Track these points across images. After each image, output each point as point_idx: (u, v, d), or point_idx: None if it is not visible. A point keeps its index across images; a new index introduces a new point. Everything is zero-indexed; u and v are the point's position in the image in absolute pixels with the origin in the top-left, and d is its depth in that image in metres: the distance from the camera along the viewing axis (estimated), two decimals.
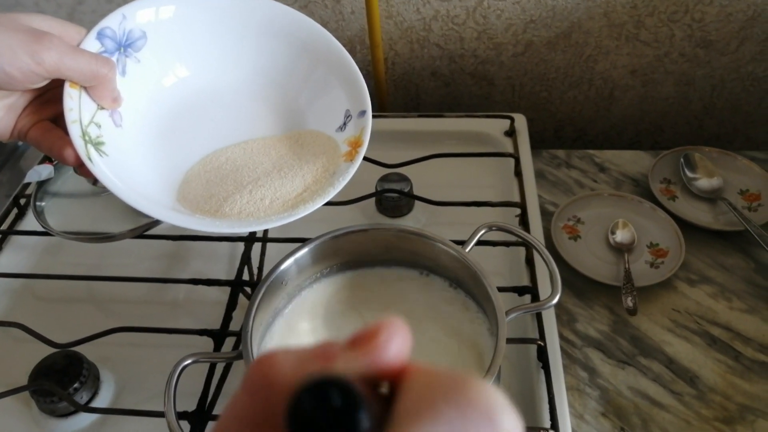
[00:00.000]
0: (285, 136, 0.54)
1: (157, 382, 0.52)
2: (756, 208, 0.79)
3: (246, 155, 0.52)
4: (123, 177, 0.45)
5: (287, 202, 0.49)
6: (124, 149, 0.47)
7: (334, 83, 0.53)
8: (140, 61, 0.49)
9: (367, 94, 0.52)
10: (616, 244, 0.75)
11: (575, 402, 0.62)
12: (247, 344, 0.47)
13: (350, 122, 0.52)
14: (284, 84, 0.55)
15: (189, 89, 0.53)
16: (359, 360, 0.20)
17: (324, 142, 0.53)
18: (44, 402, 0.58)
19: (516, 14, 0.89)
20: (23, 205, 0.79)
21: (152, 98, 0.51)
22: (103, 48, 0.46)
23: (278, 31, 0.53)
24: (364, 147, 0.50)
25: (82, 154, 0.43)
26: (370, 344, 0.20)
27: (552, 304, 0.51)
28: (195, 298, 0.70)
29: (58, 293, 0.72)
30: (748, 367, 0.64)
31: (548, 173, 0.86)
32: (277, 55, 0.54)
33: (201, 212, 0.48)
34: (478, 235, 0.55)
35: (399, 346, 0.21)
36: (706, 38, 0.89)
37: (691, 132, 1.02)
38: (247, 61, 0.54)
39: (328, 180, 0.49)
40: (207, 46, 0.53)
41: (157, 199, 0.48)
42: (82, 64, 0.42)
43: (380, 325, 0.21)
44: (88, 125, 0.44)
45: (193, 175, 0.51)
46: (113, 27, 0.47)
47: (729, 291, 0.71)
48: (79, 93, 0.44)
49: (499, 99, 1.00)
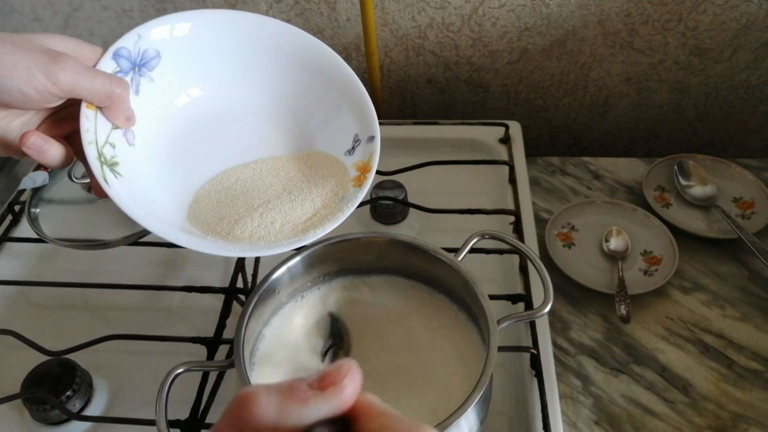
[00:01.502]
0: (294, 157, 0.54)
1: (150, 389, 0.52)
2: (749, 216, 0.79)
3: (255, 175, 0.52)
4: (136, 197, 0.46)
5: (297, 226, 0.49)
6: (137, 168, 0.48)
7: (344, 108, 0.54)
8: (153, 80, 0.49)
9: (376, 120, 0.53)
10: (610, 252, 0.75)
11: (568, 410, 0.62)
12: (239, 354, 0.47)
13: (359, 147, 0.53)
14: (295, 106, 0.55)
15: (201, 108, 0.53)
16: (328, 402, 0.24)
17: (333, 164, 0.53)
18: (37, 410, 0.58)
19: (511, 22, 0.90)
20: (18, 211, 0.79)
21: (164, 117, 0.52)
22: (118, 68, 0.46)
23: (292, 54, 0.54)
24: (372, 173, 0.51)
25: (98, 176, 0.43)
26: (335, 388, 0.24)
27: (544, 313, 0.51)
28: (189, 305, 0.70)
29: (52, 300, 0.72)
30: (741, 375, 0.64)
31: (543, 180, 0.86)
32: (290, 78, 0.54)
33: (213, 234, 0.48)
34: (470, 243, 0.55)
35: (355, 388, 0.24)
36: (700, 46, 0.90)
37: (685, 139, 1.02)
38: (260, 81, 0.54)
39: (337, 205, 0.50)
40: (220, 66, 0.53)
41: (169, 218, 0.48)
42: (97, 85, 0.43)
43: (340, 368, 0.24)
44: (103, 146, 0.45)
45: (203, 195, 0.51)
46: (128, 47, 0.47)
47: (722, 299, 0.71)
48: (95, 114, 0.44)
49: (494, 106, 1.01)
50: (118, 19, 0.96)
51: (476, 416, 0.47)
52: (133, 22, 0.95)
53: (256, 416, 0.22)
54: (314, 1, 0.90)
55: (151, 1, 0.93)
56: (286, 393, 0.23)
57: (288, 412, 0.23)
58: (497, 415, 0.59)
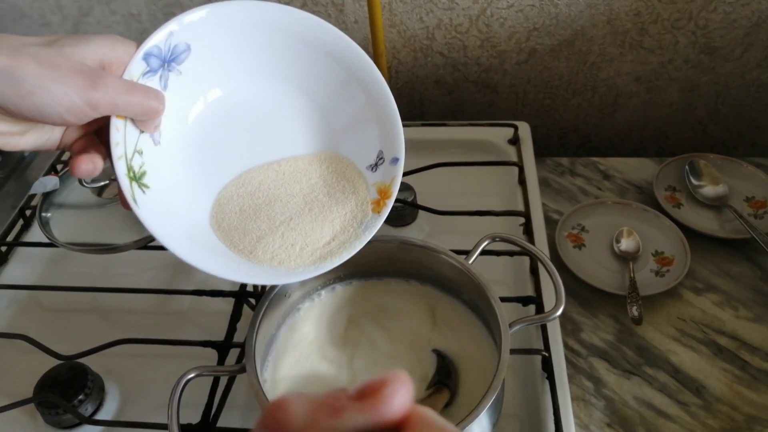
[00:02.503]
0: (317, 158, 0.53)
1: (161, 393, 0.52)
2: (762, 216, 0.78)
3: (278, 180, 0.52)
4: (163, 211, 0.46)
5: (316, 251, 0.50)
6: (162, 169, 0.48)
7: (372, 119, 0.53)
8: (182, 73, 0.49)
9: (403, 141, 0.52)
10: (620, 253, 0.75)
11: (580, 413, 0.61)
12: (251, 358, 0.47)
13: (382, 166, 0.52)
14: (325, 104, 0.54)
15: (226, 100, 0.53)
16: (365, 413, 0.23)
17: (355, 178, 0.52)
18: (49, 414, 0.58)
19: (519, 22, 0.89)
20: (29, 216, 0.80)
21: (191, 110, 0.51)
22: (148, 68, 0.46)
23: (329, 53, 0.53)
24: (392, 200, 0.50)
25: (128, 195, 0.44)
26: (375, 398, 0.23)
27: (556, 316, 0.51)
28: (199, 308, 0.70)
29: (63, 304, 0.72)
30: (755, 377, 0.64)
31: (552, 181, 0.86)
32: (322, 75, 0.53)
33: (234, 248, 0.49)
34: (481, 246, 0.55)
35: (402, 399, 0.23)
36: (710, 45, 0.89)
37: (695, 138, 1.01)
38: (291, 75, 0.53)
39: (355, 231, 0.50)
40: (252, 58, 0.52)
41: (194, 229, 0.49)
42: (135, 103, 0.43)
43: (385, 380, 0.23)
44: (132, 158, 0.45)
45: (226, 198, 0.51)
46: (159, 45, 0.47)
47: (735, 299, 0.71)
48: (125, 123, 0.45)
49: (502, 106, 1.00)
50: (126, 23, 0.96)
51: (488, 419, 0.47)
52: (141, 26, 0.96)
53: (283, 423, 0.22)
54: (322, 3, 0.90)
55: (159, 5, 0.93)
56: (319, 402, 0.23)
57: (318, 421, 0.22)
58: (509, 417, 0.59)
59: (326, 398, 0.23)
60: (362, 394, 0.23)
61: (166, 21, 0.47)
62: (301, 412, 0.22)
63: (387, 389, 0.23)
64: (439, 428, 0.23)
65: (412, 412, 0.23)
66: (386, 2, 0.89)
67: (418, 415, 0.23)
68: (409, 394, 0.23)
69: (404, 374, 0.23)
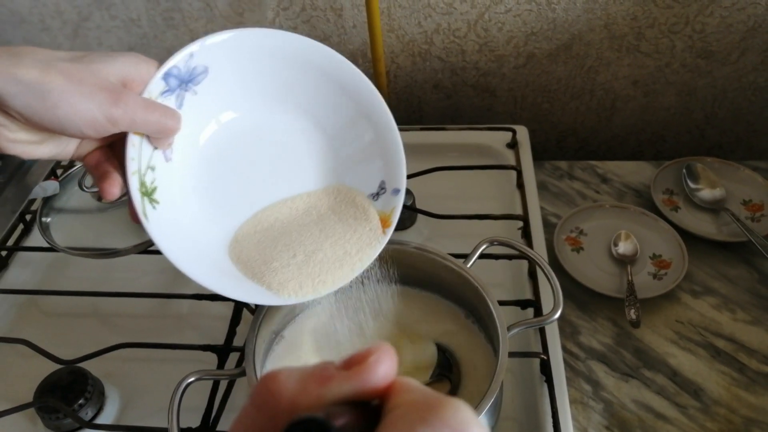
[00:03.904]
0: (325, 192, 0.55)
1: (161, 397, 0.52)
2: (759, 219, 0.79)
3: (292, 215, 0.54)
4: (172, 227, 0.47)
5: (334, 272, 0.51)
6: (173, 184, 0.49)
7: (376, 149, 0.54)
8: (197, 93, 0.49)
9: (405, 173, 0.53)
10: (618, 256, 0.75)
11: (579, 415, 0.62)
12: (250, 362, 0.47)
13: (383, 195, 0.53)
14: (331, 133, 0.55)
15: (238, 123, 0.53)
16: (352, 381, 0.24)
17: (365, 204, 0.54)
18: (50, 418, 0.58)
19: (517, 27, 0.90)
20: (29, 220, 0.80)
21: (204, 131, 0.52)
22: (167, 87, 0.47)
23: (337, 82, 0.54)
24: (392, 228, 0.52)
25: (139, 210, 0.45)
26: (360, 367, 0.24)
27: (554, 320, 0.51)
28: (199, 312, 0.70)
29: (63, 309, 0.72)
30: (752, 380, 0.64)
31: (551, 185, 0.86)
32: (329, 104, 0.54)
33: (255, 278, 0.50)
34: (479, 250, 0.55)
35: (386, 368, 0.24)
36: (707, 49, 0.90)
37: (693, 142, 1.02)
38: (300, 103, 0.54)
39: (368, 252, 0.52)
40: (268, 85, 0.53)
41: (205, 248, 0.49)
42: (152, 121, 0.44)
43: (370, 350, 0.24)
44: (145, 173, 0.46)
45: (243, 235, 0.52)
46: (179, 66, 0.47)
47: (733, 302, 0.71)
48: (141, 140, 0.45)
49: (501, 110, 1.01)
50: (126, 28, 0.96)
51: (487, 422, 0.47)
52: (141, 30, 0.96)
53: (275, 392, 0.23)
54: (321, 8, 0.91)
55: (159, 10, 0.94)
56: (308, 372, 0.24)
57: (307, 389, 0.23)
58: (508, 420, 0.59)
59: (315, 369, 0.24)
60: (349, 363, 0.24)
61: (166, 27, 0.48)
62: (292, 382, 0.23)
63: (371, 358, 0.24)
64: (421, 393, 0.24)
65: (396, 380, 0.25)
66: (385, 7, 0.89)
67: (402, 381, 0.25)
68: (394, 364, 0.24)
69: (388, 345, 0.25)
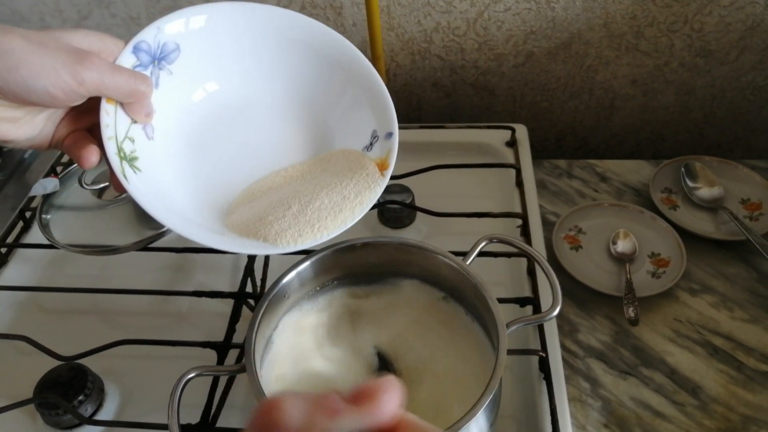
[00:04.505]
0: (318, 160, 0.54)
1: (161, 394, 0.52)
2: (757, 218, 0.79)
3: (285, 181, 0.52)
4: (157, 193, 0.46)
5: (335, 216, 0.49)
6: (157, 162, 0.48)
7: (363, 102, 0.53)
8: (173, 73, 0.49)
9: (395, 116, 0.52)
10: (617, 254, 0.75)
11: (577, 413, 0.62)
12: (250, 358, 0.47)
13: (377, 143, 0.52)
14: (315, 100, 0.55)
15: (220, 102, 0.53)
16: (360, 417, 0.23)
17: (358, 157, 0.52)
18: (49, 415, 0.58)
19: (516, 25, 0.90)
20: (29, 218, 0.80)
21: (184, 110, 0.52)
22: (138, 62, 0.47)
23: (312, 47, 0.53)
24: (390, 170, 0.51)
25: (118, 172, 0.44)
26: (370, 403, 0.24)
27: (552, 317, 0.51)
28: (199, 309, 0.70)
29: (63, 306, 0.72)
30: (750, 378, 0.64)
31: (549, 183, 0.87)
32: (309, 71, 0.54)
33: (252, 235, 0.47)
34: (479, 247, 0.55)
35: (395, 404, 0.24)
36: (705, 48, 0.90)
37: (691, 141, 1.02)
38: (279, 74, 0.54)
39: (369, 194, 0.50)
40: (239, 59, 0.53)
41: (189, 216, 0.48)
42: (121, 83, 0.44)
43: (378, 385, 0.24)
44: (122, 141, 0.45)
45: (236, 207, 0.51)
46: (148, 41, 0.47)
47: (731, 301, 0.71)
48: (115, 109, 0.45)
49: (500, 109, 1.01)
50: (126, 26, 0.96)
51: (486, 420, 0.47)
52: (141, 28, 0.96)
53: (278, 423, 0.22)
54: (320, 6, 0.91)
55: (159, 7, 0.94)
56: (315, 403, 0.23)
57: (313, 422, 0.22)
58: (506, 418, 0.59)
59: (321, 399, 0.23)
60: (357, 397, 0.24)
61: None
62: (297, 412, 0.23)
63: (382, 395, 0.24)
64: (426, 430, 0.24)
65: (402, 417, 0.25)
66: (384, 5, 0.89)
67: (408, 420, 0.25)
68: (399, 399, 0.24)
69: (395, 380, 0.24)
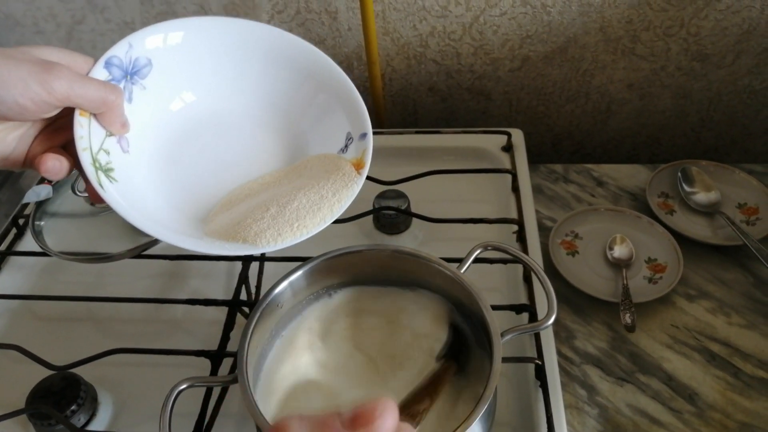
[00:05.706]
0: (294, 167, 0.54)
1: (154, 403, 0.52)
2: (754, 222, 0.78)
3: (263, 188, 0.52)
4: (134, 202, 0.46)
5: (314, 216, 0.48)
6: (133, 175, 0.48)
7: (335, 107, 0.54)
8: (146, 88, 0.50)
9: (368, 117, 0.53)
10: (614, 260, 0.75)
11: (574, 420, 0.61)
12: (242, 369, 0.47)
13: (351, 145, 0.53)
14: (287, 109, 0.55)
15: (194, 115, 0.54)
16: None
17: (333, 159, 0.53)
18: (42, 425, 0.58)
19: (512, 30, 0.90)
20: (22, 225, 0.79)
21: (158, 125, 0.52)
22: (110, 76, 0.47)
23: (282, 58, 0.54)
24: (366, 168, 0.51)
25: (94, 182, 0.44)
26: (368, 428, 0.25)
27: (547, 325, 0.51)
28: (193, 317, 0.70)
29: (56, 314, 0.72)
30: (747, 384, 0.64)
31: (546, 188, 0.86)
32: (280, 82, 0.55)
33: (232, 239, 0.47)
34: (473, 255, 0.55)
35: (391, 425, 0.25)
36: (702, 52, 0.90)
37: (688, 145, 1.02)
38: (252, 87, 0.55)
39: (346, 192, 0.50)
40: (212, 73, 0.54)
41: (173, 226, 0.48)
42: (91, 92, 0.43)
43: (375, 408, 0.25)
44: (97, 152, 0.45)
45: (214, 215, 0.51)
46: (120, 56, 0.48)
47: (728, 306, 0.71)
48: (88, 121, 0.45)
49: (496, 113, 1.01)
50: (120, 31, 0.96)
51: (481, 428, 0.47)
52: None
53: None
54: (315, 11, 0.91)
55: (153, 13, 0.94)
56: (318, 427, 0.25)
57: None
58: (502, 426, 0.59)
59: (323, 423, 0.25)
60: (354, 421, 0.25)
61: None
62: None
63: (379, 420, 0.25)
64: None
65: None
66: (380, 10, 0.89)
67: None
68: (396, 421, 0.26)
69: (392, 402, 0.26)
